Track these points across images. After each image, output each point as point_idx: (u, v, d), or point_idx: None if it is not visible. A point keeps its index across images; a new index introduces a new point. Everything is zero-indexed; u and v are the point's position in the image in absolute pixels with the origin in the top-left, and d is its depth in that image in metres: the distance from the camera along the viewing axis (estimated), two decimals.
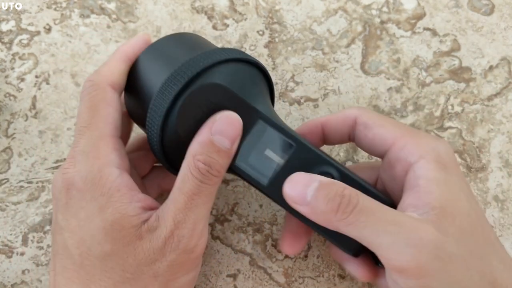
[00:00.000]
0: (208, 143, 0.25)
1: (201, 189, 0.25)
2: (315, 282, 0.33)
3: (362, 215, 0.24)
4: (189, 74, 0.25)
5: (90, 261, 0.25)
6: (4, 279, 0.32)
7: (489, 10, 0.40)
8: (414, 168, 0.26)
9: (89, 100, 0.27)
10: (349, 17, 0.40)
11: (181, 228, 0.25)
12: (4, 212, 0.34)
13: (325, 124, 0.30)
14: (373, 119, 0.28)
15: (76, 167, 0.26)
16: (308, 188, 0.25)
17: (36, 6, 0.40)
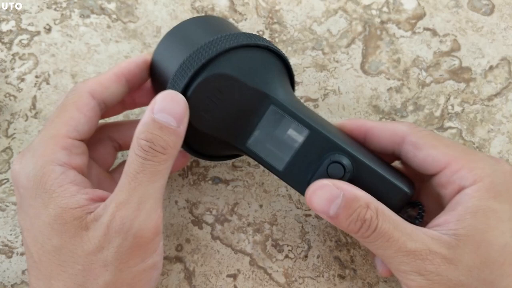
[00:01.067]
0: (150, 122, 0.25)
1: (144, 167, 0.24)
2: (315, 282, 0.33)
3: (379, 239, 0.25)
4: (198, 63, 0.25)
5: (46, 256, 0.25)
6: (4, 279, 0.32)
7: (489, 10, 0.40)
8: (462, 194, 0.26)
9: (63, 102, 0.27)
10: (349, 17, 0.40)
11: (124, 209, 0.24)
12: (4, 212, 0.34)
13: (370, 131, 0.28)
14: (425, 138, 0.27)
15: (21, 163, 0.26)
16: (331, 204, 0.25)
17: (36, 6, 0.40)
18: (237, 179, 0.35)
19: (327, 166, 0.26)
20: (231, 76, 0.26)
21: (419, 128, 0.28)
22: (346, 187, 0.26)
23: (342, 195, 0.25)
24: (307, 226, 0.34)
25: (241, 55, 0.26)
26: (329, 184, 0.26)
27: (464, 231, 0.25)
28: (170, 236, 0.33)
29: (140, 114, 0.37)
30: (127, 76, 0.29)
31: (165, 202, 0.34)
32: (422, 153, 0.27)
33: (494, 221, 0.25)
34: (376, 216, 0.25)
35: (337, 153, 0.26)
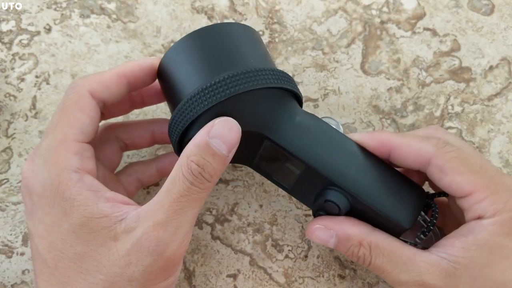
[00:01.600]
0: (204, 145, 0.24)
1: (190, 191, 0.24)
2: (315, 282, 0.33)
3: (375, 271, 0.27)
4: (213, 101, 0.25)
5: (64, 263, 0.24)
6: (4, 279, 0.32)
7: (489, 10, 0.40)
8: (478, 223, 0.26)
9: (63, 102, 0.27)
10: (349, 17, 0.40)
11: (161, 230, 0.24)
12: (4, 212, 0.34)
13: (395, 149, 0.28)
14: (451, 162, 0.26)
15: (33, 172, 0.25)
16: (328, 242, 0.28)
17: (36, 6, 0.40)
18: (237, 179, 0.35)
19: (323, 202, 0.27)
20: None
21: (445, 148, 0.27)
22: (337, 227, 0.27)
23: (335, 235, 0.27)
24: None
25: (236, 102, 0.26)
26: (321, 227, 0.28)
27: (465, 261, 0.25)
28: None
29: (140, 114, 0.37)
30: (130, 78, 0.28)
31: None
32: (447, 178, 0.26)
33: (498, 257, 0.25)
34: (369, 252, 0.26)
35: (333, 189, 0.27)
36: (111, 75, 0.28)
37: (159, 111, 0.37)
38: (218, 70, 0.26)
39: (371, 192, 0.27)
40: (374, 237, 0.27)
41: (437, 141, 0.27)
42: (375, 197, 0.27)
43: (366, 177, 0.27)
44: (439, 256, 0.25)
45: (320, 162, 0.27)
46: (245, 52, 0.27)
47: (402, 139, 0.28)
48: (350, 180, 0.27)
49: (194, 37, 0.27)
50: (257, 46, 0.29)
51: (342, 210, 0.27)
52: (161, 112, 0.37)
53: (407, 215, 0.27)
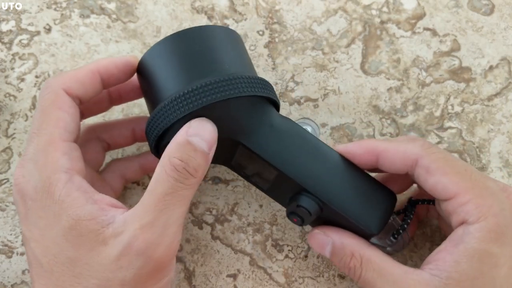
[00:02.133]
0: (185, 143, 0.24)
1: (175, 189, 0.24)
2: (315, 282, 0.33)
3: (365, 285, 0.27)
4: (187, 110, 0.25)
5: (59, 267, 0.24)
6: (4, 279, 0.32)
7: (489, 10, 0.40)
8: (465, 229, 0.25)
9: (41, 104, 0.27)
10: (349, 17, 0.40)
11: (149, 232, 0.24)
12: (4, 212, 0.34)
13: (382, 154, 0.28)
14: (437, 163, 0.26)
15: (25, 177, 0.25)
16: (324, 250, 0.28)
17: (36, 6, 0.40)
18: (237, 179, 0.35)
19: (295, 206, 0.27)
20: None
21: (431, 149, 0.27)
22: (335, 235, 0.28)
23: (331, 243, 0.28)
24: (307, 226, 0.34)
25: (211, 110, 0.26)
26: (320, 232, 0.28)
27: (457, 276, 0.25)
28: None
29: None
30: (103, 74, 0.28)
31: None
32: (433, 178, 0.26)
33: (488, 267, 0.25)
34: (360, 265, 0.27)
35: (305, 195, 0.27)
36: (85, 72, 0.28)
37: None
38: (195, 76, 0.26)
39: (341, 198, 0.27)
40: (367, 251, 0.27)
41: (423, 142, 0.27)
42: (345, 203, 0.27)
43: (337, 183, 0.28)
44: (431, 274, 0.25)
45: (291, 168, 0.27)
46: (223, 58, 0.27)
47: (389, 143, 0.28)
48: (320, 186, 0.27)
49: (176, 39, 0.27)
50: (237, 51, 0.29)
51: (312, 215, 0.27)
52: None
53: (376, 220, 0.27)
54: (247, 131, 0.27)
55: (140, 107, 0.37)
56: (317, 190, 0.27)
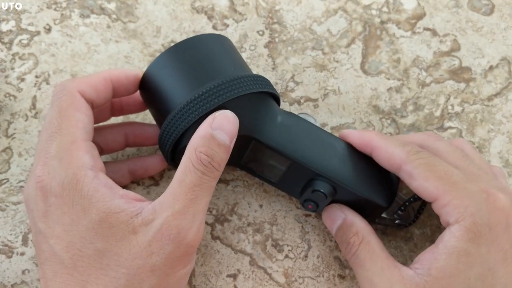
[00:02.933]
0: (209, 137, 0.26)
1: (202, 181, 0.26)
2: (315, 282, 0.33)
3: (355, 264, 0.29)
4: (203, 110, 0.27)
5: (84, 261, 0.25)
6: (4, 279, 0.32)
7: (489, 10, 0.40)
8: (447, 230, 0.27)
9: (58, 105, 0.27)
10: (349, 17, 0.40)
11: (180, 219, 0.25)
12: (4, 212, 0.34)
13: (375, 151, 0.30)
14: (419, 168, 0.28)
15: (50, 174, 0.26)
16: (334, 224, 0.30)
17: (36, 6, 0.40)
18: (237, 179, 0.35)
19: (311, 192, 0.29)
20: None
21: (416, 155, 0.28)
22: (348, 213, 0.30)
23: (343, 219, 0.30)
24: (307, 226, 0.34)
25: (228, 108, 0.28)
26: (337, 207, 0.31)
27: (435, 272, 0.26)
28: None
29: (140, 114, 0.37)
30: (115, 83, 0.30)
31: None
32: (415, 183, 0.28)
33: (464, 265, 0.26)
34: (359, 243, 0.29)
35: (319, 180, 0.29)
36: (99, 78, 0.29)
37: None
38: (203, 81, 0.28)
39: (352, 179, 0.29)
40: (370, 236, 0.29)
41: (410, 148, 0.29)
42: (356, 183, 0.29)
43: (346, 165, 0.30)
44: (415, 272, 0.27)
45: (304, 156, 0.29)
46: (224, 62, 0.29)
47: (383, 141, 0.30)
48: (332, 169, 0.29)
49: (175, 51, 0.29)
50: (233, 54, 0.31)
51: (328, 197, 0.29)
52: None
53: (386, 195, 0.30)
54: (258, 127, 0.29)
55: None
56: (330, 173, 0.29)
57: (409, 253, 0.33)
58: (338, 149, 0.30)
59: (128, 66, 0.38)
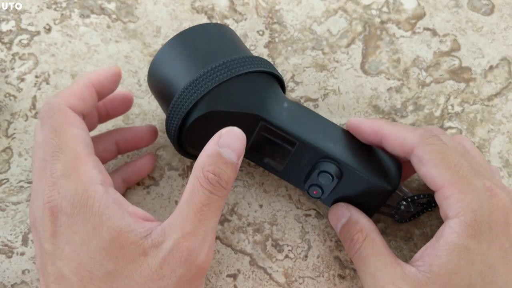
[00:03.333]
0: (216, 155, 0.25)
1: (211, 200, 0.25)
2: (315, 282, 0.33)
3: (358, 261, 0.29)
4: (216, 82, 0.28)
5: (94, 284, 0.24)
6: (4, 279, 0.32)
7: (489, 10, 0.40)
8: (446, 224, 0.27)
9: (51, 124, 0.27)
10: (349, 17, 0.40)
11: (191, 240, 0.24)
12: (4, 212, 0.34)
13: (385, 137, 0.29)
14: (430, 154, 0.27)
15: (60, 193, 0.25)
16: (339, 221, 0.30)
17: (36, 6, 0.40)
18: (237, 179, 0.35)
19: (317, 174, 0.29)
20: (219, 111, 0.28)
21: (428, 140, 0.28)
22: (354, 211, 0.30)
23: (348, 216, 0.30)
24: (307, 226, 0.34)
25: (229, 87, 0.28)
26: (343, 205, 0.31)
27: (437, 269, 0.26)
28: None
29: (140, 114, 0.37)
30: (97, 87, 0.29)
31: (165, 202, 0.34)
32: (423, 168, 0.27)
33: (465, 262, 0.25)
34: (363, 240, 0.28)
35: (326, 161, 0.29)
36: (81, 87, 0.28)
37: (159, 111, 0.37)
38: (211, 61, 0.28)
39: (359, 161, 0.29)
40: (374, 234, 0.29)
41: (423, 132, 0.29)
42: (363, 165, 0.29)
43: (352, 150, 0.30)
44: (417, 269, 0.26)
45: (312, 137, 0.29)
46: (232, 45, 0.31)
47: (393, 128, 0.29)
48: (339, 150, 0.30)
49: (181, 38, 0.30)
50: (239, 41, 0.32)
51: (335, 179, 0.29)
52: (161, 112, 0.37)
53: (391, 178, 0.30)
54: (266, 107, 0.29)
55: (140, 107, 0.37)
56: (337, 154, 0.29)
57: (409, 253, 0.33)
58: (343, 135, 0.31)
59: (128, 66, 0.38)
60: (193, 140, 0.30)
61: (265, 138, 0.30)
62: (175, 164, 0.35)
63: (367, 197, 0.30)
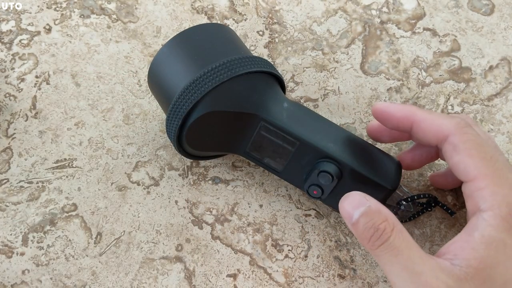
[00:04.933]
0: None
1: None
2: (315, 282, 0.33)
3: (388, 253, 0.26)
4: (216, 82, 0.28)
5: None
6: (4, 279, 0.32)
7: (489, 10, 0.40)
8: (479, 217, 0.25)
9: None
10: (349, 17, 0.40)
11: None
12: (4, 212, 0.34)
13: (417, 123, 0.28)
14: (466, 144, 0.26)
15: None
16: (356, 210, 0.27)
17: (36, 6, 0.40)
18: (237, 179, 0.35)
19: (317, 174, 0.29)
20: (219, 111, 0.28)
21: (465, 129, 0.27)
22: (374, 201, 0.27)
23: (368, 206, 0.27)
24: (307, 226, 0.34)
25: (229, 87, 0.28)
26: (361, 194, 0.27)
27: (475, 263, 0.25)
28: (170, 236, 0.33)
29: (140, 114, 0.37)
30: None
31: (165, 202, 0.34)
32: (458, 157, 0.27)
33: (503, 256, 0.25)
34: (391, 230, 0.26)
35: (326, 161, 0.29)
36: None
37: (159, 111, 0.37)
38: (211, 61, 0.29)
39: (359, 160, 0.29)
40: (400, 225, 0.27)
41: (459, 120, 0.28)
42: (362, 165, 0.29)
43: (352, 150, 0.30)
44: (451, 263, 0.25)
45: (312, 137, 0.29)
46: (234, 44, 0.31)
47: (427, 114, 0.28)
48: (339, 150, 0.29)
49: (180, 38, 0.30)
50: (239, 41, 0.32)
51: (334, 179, 0.29)
52: (161, 112, 0.37)
53: (392, 178, 0.30)
54: (267, 107, 0.30)
55: (140, 107, 0.37)
56: (337, 154, 0.29)
57: None
58: (343, 135, 0.31)
59: (128, 66, 0.38)
60: (193, 140, 0.30)
61: (265, 138, 0.30)
62: (175, 164, 0.35)
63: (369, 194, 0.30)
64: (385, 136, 0.32)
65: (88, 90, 0.37)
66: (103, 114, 0.37)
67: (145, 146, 0.36)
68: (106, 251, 0.33)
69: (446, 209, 0.33)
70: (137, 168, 0.35)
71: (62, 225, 0.33)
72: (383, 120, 0.30)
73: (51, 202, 0.34)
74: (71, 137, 0.36)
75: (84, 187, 0.34)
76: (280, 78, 0.31)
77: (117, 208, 0.34)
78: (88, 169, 0.35)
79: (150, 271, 0.32)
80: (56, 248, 0.33)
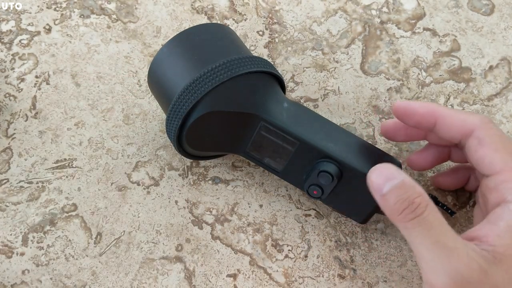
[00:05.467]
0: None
1: None
2: (315, 282, 0.33)
3: (420, 226, 0.25)
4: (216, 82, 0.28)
5: None
6: (4, 279, 0.32)
7: (489, 10, 0.40)
8: (505, 208, 0.26)
9: None
10: (349, 17, 0.40)
11: None
12: (4, 212, 0.34)
13: (441, 119, 0.29)
14: (492, 137, 0.27)
15: None
16: (388, 182, 0.26)
17: (36, 6, 0.40)
18: (237, 179, 0.35)
19: (317, 174, 0.29)
20: (219, 111, 0.28)
21: (491, 124, 0.28)
22: (407, 176, 0.26)
23: (401, 180, 0.26)
24: (307, 226, 0.34)
25: (229, 87, 0.28)
26: (394, 166, 0.27)
27: (502, 249, 0.25)
28: (170, 236, 0.33)
29: (140, 114, 0.37)
30: None
31: (165, 202, 0.34)
32: (483, 150, 0.27)
33: None
34: (426, 206, 0.25)
35: (326, 161, 0.29)
36: None
37: (159, 111, 0.37)
38: (210, 61, 0.29)
39: (359, 160, 0.29)
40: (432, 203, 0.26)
41: (484, 116, 0.28)
42: (363, 165, 0.29)
43: (352, 149, 0.30)
44: (478, 247, 0.25)
45: (312, 137, 0.29)
46: (234, 44, 0.31)
47: (450, 110, 0.29)
48: (339, 150, 0.29)
49: (180, 38, 0.30)
50: (240, 41, 0.32)
51: (334, 179, 0.29)
52: (161, 112, 0.37)
53: None
54: (266, 108, 0.30)
55: (140, 107, 0.37)
56: (337, 154, 0.29)
57: (409, 253, 0.33)
58: (343, 135, 0.31)
59: (128, 66, 0.38)
60: (193, 140, 0.30)
61: (265, 138, 0.30)
62: (175, 164, 0.35)
63: (367, 197, 0.30)
64: (401, 134, 0.32)
65: (88, 90, 0.37)
66: (103, 114, 0.37)
67: (145, 146, 0.36)
68: (106, 251, 0.33)
69: (446, 209, 0.33)
70: (137, 168, 0.35)
71: (62, 225, 0.33)
72: (405, 117, 0.30)
73: (51, 202, 0.34)
74: (71, 137, 0.36)
75: (84, 187, 0.34)
76: (280, 78, 0.31)
77: (117, 208, 0.34)
78: (88, 169, 0.35)
79: (150, 271, 0.32)
80: (56, 248, 0.33)
